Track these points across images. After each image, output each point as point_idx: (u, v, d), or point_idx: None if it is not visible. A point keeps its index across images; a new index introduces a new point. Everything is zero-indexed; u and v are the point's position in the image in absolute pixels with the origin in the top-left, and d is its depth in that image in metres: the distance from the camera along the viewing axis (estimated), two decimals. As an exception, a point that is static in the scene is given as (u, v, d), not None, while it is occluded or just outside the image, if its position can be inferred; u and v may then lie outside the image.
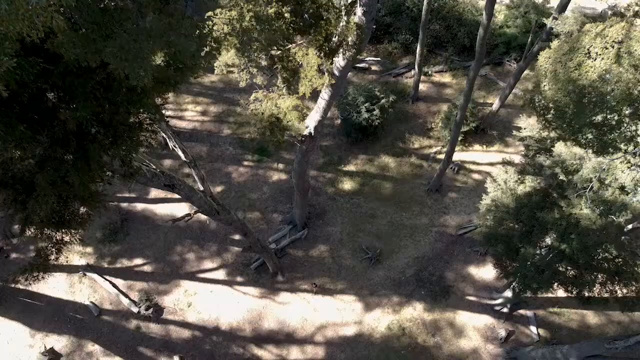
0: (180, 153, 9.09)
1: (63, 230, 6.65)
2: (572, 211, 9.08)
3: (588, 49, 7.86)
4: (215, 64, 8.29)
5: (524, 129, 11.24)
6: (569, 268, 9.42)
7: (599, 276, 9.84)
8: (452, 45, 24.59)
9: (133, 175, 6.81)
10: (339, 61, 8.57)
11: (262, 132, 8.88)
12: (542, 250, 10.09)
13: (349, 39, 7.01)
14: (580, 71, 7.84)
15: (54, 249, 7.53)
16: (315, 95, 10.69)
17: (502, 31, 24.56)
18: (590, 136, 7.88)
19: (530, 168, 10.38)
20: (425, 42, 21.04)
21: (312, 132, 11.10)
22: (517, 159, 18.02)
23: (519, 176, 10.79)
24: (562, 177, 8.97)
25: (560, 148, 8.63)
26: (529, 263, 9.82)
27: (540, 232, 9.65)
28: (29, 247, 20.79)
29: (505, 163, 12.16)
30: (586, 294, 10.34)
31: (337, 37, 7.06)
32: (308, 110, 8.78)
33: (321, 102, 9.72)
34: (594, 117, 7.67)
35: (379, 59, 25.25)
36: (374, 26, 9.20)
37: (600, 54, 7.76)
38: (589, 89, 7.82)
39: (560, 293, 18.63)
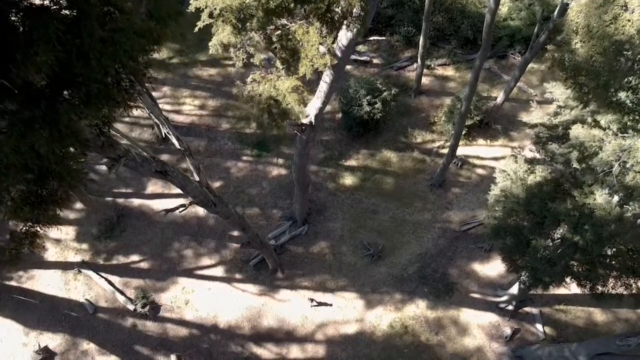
0: (174, 140, 8.65)
1: (40, 212, 6.10)
2: (585, 201, 8.63)
3: (625, 1, 7.26)
4: (210, 44, 7.84)
5: (535, 109, 10.73)
6: (582, 261, 8.96)
7: (614, 270, 9.38)
8: (455, 38, 24.12)
9: (120, 158, 6.34)
10: (342, 39, 8.10)
11: (259, 116, 8.39)
12: (554, 242, 9.64)
13: (354, 10, 6.54)
14: (616, 25, 7.25)
15: (27, 236, 6.91)
16: (313, 88, 10.26)
17: (506, 24, 24.10)
18: (628, 102, 7.33)
19: (541, 157, 9.91)
20: (428, 34, 20.58)
21: (313, 120, 10.63)
22: (523, 153, 17.56)
23: (529, 166, 10.34)
24: (575, 165, 8.52)
25: (577, 131, 8.16)
26: (540, 255, 9.36)
27: (552, 224, 9.20)
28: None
29: (515, 153, 11.69)
30: (600, 289, 9.87)
31: (340, 7, 6.59)
32: (309, 94, 8.34)
33: (322, 87, 9.23)
34: (631, 79, 7.12)
35: (374, 54, 24.79)
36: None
37: (638, 6, 7.16)
38: (627, 45, 7.22)
39: (567, 290, 18.24)
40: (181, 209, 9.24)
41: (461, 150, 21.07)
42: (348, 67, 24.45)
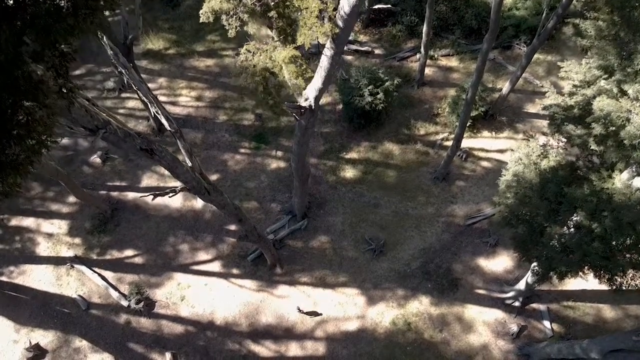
0: (163, 120, 8.05)
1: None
2: (604, 186, 8.05)
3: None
4: (200, 12, 7.23)
5: (549, 90, 10.12)
6: (600, 250, 8.35)
7: (633, 258, 8.76)
8: (459, 28, 23.47)
9: (98, 129, 5.71)
10: (344, 6, 7.47)
11: (253, 89, 7.76)
12: (570, 230, 9.04)
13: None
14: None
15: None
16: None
17: (511, 13, 23.45)
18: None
19: (555, 140, 9.30)
20: (432, 22, 19.95)
21: (313, 104, 10.01)
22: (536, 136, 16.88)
23: (542, 150, 9.74)
24: (593, 146, 7.92)
25: (602, 102, 7.55)
26: (555, 244, 8.76)
27: (568, 210, 8.58)
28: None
29: (527, 137, 11.07)
30: (618, 280, 9.26)
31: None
32: (308, 68, 7.73)
33: (323, 63, 8.55)
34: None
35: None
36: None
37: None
38: None
39: (575, 286, 17.65)
40: (171, 194, 8.65)
41: (466, 143, 20.46)
42: (349, 57, 23.86)
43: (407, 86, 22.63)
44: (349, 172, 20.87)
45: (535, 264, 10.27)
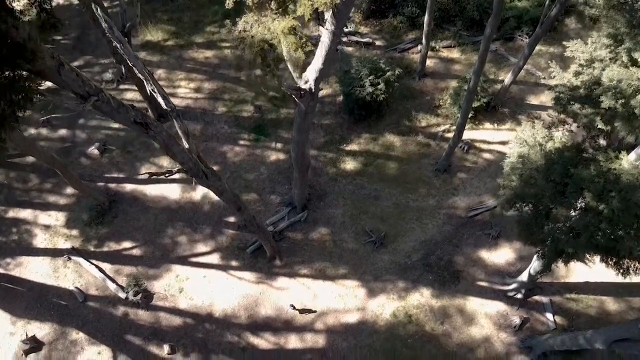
0: (159, 99, 7.82)
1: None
2: (611, 166, 7.84)
3: None
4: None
5: (555, 70, 9.89)
6: (607, 231, 8.14)
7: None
8: (461, 19, 23.23)
9: (90, 95, 5.46)
10: (345, -24, 7.28)
11: (251, 60, 7.53)
12: (577, 212, 8.82)
13: None
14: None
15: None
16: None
17: (513, 4, 23.22)
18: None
19: (560, 119, 9.10)
20: (433, 12, 19.71)
21: (313, 86, 9.78)
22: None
23: (547, 132, 9.52)
24: (600, 125, 7.72)
25: (613, 72, 7.34)
26: (562, 225, 8.54)
27: (574, 191, 8.36)
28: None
29: (534, 118, 10.84)
30: (626, 263, 9.04)
31: None
32: (308, 41, 7.49)
33: (324, 42, 8.28)
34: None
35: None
36: None
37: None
38: None
39: (579, 277, 17.44)
40: (167, 174, 8.42)
41: (467, 134, 20.23)
42: (349, 49, 23.63)
43: (408, 78, 22.40)
44: (350, 164, 20.65)
45: (539, 247, 10.05)
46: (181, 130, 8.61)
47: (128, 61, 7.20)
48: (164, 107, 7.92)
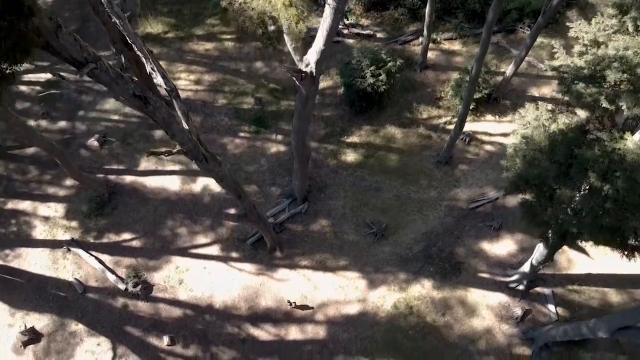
0: (159, 79, 7.72)
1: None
2: (615, 146, 7.74)
3: None
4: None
5: (559, 51, 9.79)
6: (613, 211, 8.05)
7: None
8: (462, 12, 23.10)
9: (88, 62, 5.34)
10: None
11: (253, 31, 7.42)
12: (581, 193, 8.72)
13: None
14: None
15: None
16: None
17: (515, -4, 23.07)
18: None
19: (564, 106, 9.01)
20: (434, 4, 19.58)
21: (314, 69, 9.68)
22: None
23: (551, 114, 9.42)
24: (605, 104, 7.62)
25: (619, 42, 7.23)
26: (566, 206, 8.44)
27: (579, 172, 8.27)
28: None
29: (538, 100, 10.76)
30: (631, 244, 8.93)
31: None
32: (309, 15, 7.39)
33: (325, 20, 8.17)
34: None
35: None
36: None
37: None
38: None
39: (581, 269, 17.33)
40: (166, 154, 8.33)
41: (469, 126, 20.12)
42: (350, 41, 23.51)
43: (409, 70, 22.28)
44: (350, 156, 20.55)
45: (543, 229, 9.93)
46: (181, 111, 8.52)
47: (128, 39, 7.10)
48: (163, 86, 7.82)
